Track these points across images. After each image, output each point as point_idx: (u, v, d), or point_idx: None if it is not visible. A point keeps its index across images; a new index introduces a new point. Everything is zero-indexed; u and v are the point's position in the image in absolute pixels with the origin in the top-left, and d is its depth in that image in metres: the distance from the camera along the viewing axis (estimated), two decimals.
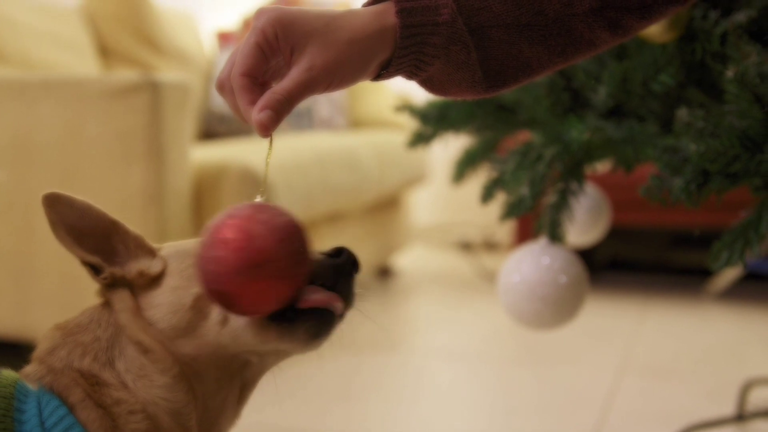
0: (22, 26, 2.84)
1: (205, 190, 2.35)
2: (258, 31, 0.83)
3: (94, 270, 0.94)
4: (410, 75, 0.90)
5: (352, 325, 0.96)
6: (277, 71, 0.87)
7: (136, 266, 0.93)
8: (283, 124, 3.35)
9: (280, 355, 0.94)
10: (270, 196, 2.44)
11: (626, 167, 1.43)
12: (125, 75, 2.22)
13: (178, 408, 0.89)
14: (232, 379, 0.93)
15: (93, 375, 0.88)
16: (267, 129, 0.82)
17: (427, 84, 0.92)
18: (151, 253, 0.95)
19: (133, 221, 2.32)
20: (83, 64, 3.07)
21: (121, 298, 0.92)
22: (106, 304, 0.93)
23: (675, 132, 1.22)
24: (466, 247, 4.53)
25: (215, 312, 0.88)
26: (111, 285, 0.93)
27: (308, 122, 3.64)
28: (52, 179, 2.21)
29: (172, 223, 2.20)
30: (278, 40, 0.83)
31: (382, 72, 0.88)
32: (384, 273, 3.91)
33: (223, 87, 0.86)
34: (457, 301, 3.51)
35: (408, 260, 4.19)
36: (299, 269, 0.82)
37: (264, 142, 0.87)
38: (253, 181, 2.39)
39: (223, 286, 0.79)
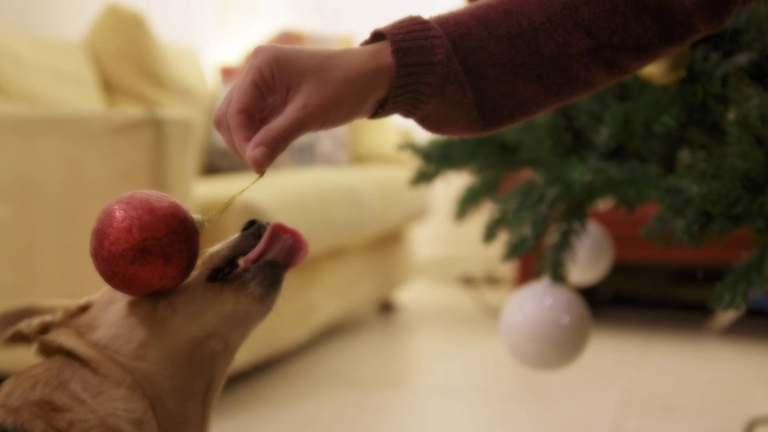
0: (25, 62, 2.85)
1: (207, 226, 2.35)
2: (255, 70, 0.85)
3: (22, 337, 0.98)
4: (407, 113, 0.91)
5: (354, 362, 0.99)
6: (275, 108, 0.88)
7: (58, 311, 0.97)
8: (286, 160, 3.37)
9: (240, 325, 0.96)
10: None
11: (628, 207, 1.43)
12: (128, 112, 2.22)
13: (138, 416, 0.89)
14: (192, 382, 0.94)
15: (47, 402, 0.89)
16: (261, 165, 0.84)
17: (424, 122, 0.93)
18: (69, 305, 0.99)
19: None
20: (87, 99, 3.08)
21: (59, 332, 0.95)
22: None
23: (677, 173, 1.22)
24: (469, 281, 4.53)
25: (161, 306, 0.91)
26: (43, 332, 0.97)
27: (310, 158, 3.65)
28: (54, 216, 2.21)
29: None
30: (274, 79, 0.85)
31: (379, 110, 0.89)
32: (386, 308, 3.90)
33: (220, 124, 0.88)
34: (459, 337, 3.50)
35: (410, 295, 4.18)
36: (177, 247, 0.88)
37: (264, 178, 0.89)
38: (255, 217, 2.38)
39: (111, 270, 0.87)
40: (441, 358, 3.25)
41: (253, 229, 0.98)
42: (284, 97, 0.85)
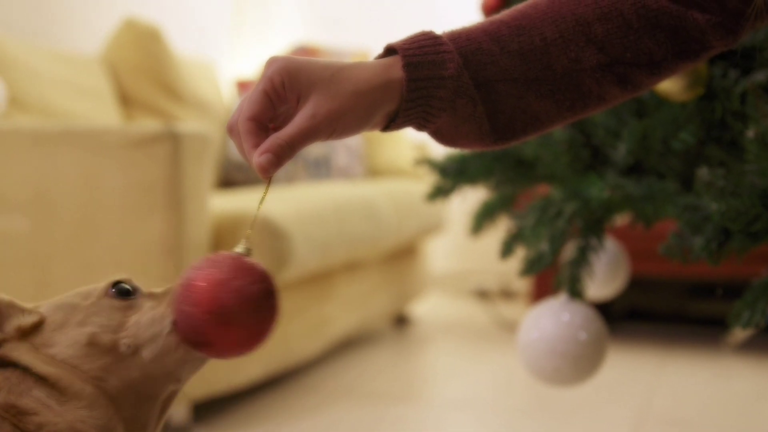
0: (43, 75, 2.87)
1: (223, 240, 2.36)
2: (266, 79, 0.86)
3: None
4: (419, 126, 0.91)
5: (369, 375, 0.99)
6: (287, 118, 0.88)
7: (11, 325, 0.95)
8: (301, 173, 3.38)
9: (196, 367, 0.96)
10: (282, 245, 2.44)
11: (646, 223, 1.43)
12: (145, 125, 2.23)
13: (104, 423, 0.90)
14: (148, 413, 0.95)
15: (12, 405, 0.88)
16: (266, 171, 0.84)
17: (436, 135, 0.94)
18: (23, 311, 0.97)
19: (151, 272, 2.32)
20: (104, 112, 3.10)
21: (14, 347, 0.93)
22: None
23: (695, 190, 1.22)
24: (483, 295, 4.52)
25: (123, 345, 0.91)
26: None
27: (326, 171, 3.66)
28: (70, 229, 2.22)
29: None
30: (285, 89, 0.86)
31: (391, 123, 0.90)
32: (401, 321, 3.90)
33: (232, 130, 0.89)
34: (474, 351, 3.50)
35: (425, 309, 4.18)
36: (269, 311, 0.86)
37: (281, 192, 0.89)
38: (271, 230, 2.39)
39: (197, 336, 0.86)
40: (455, 371, 3.25)
41: None
42: (295, 107, 0.86)
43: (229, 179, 3.63)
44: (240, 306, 0.84)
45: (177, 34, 3.68)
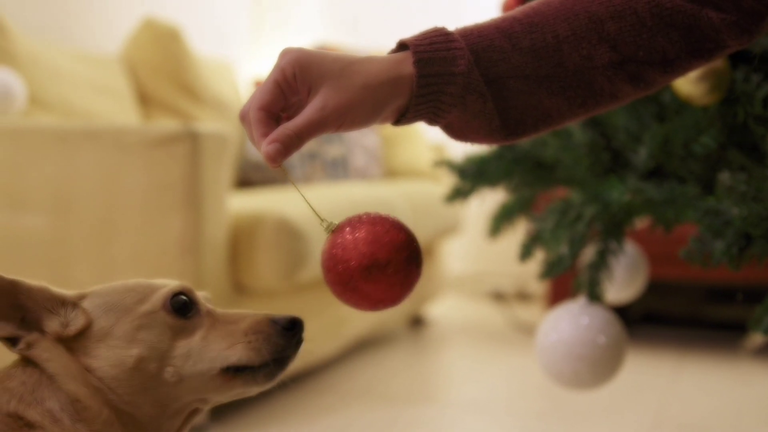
0: (63, 74, 2.88)
1: (240, 239, 2.36)
2: (278, 70, 0.88)
3: (10, 342, 0.95)
4: (430, 121, 0.93)
5: (385, 376, 1.01)
6: (299, 108, 0.90)
7: (51, 325, 0.95)
8: (319, 173, 3.36)
9: (233, 398, 0.99)
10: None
11: (666, 227, 1.43)
12: (165, 125, 2.24)
13: None
14: (179, 416, 0.97)
15: (19, 416, 0.89)
16: (274, 160, 0.86)
17: (448, 129, 0.95)
18: (64, 302, 0.97)
19: (169, 271, 2.31)
20: (123, 112, 3.11)
21: (45, 348, 0.94)
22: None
23: (716, 194, 1.21)
24: (499, 297, 4.51)
25: (168, 372, 0.93)
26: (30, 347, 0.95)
27: (343, 172, 3.66)
28: (90, 228, 2.23)
29: (209, 273, 2.21)
30: (296, 80, 0.87)
31: (401, 117, 0.91)
32: (417, 323, 3.90)
33: (243, 118, 0.91)
34: (489, 353, 3.49)
35: (441, 310, 4.18)
36: (414, 269, 0.90)
37: (298, 194, 0.92)
38: (288, 230, 2.39)
39: (349, 285, 0.87)
40: (471, 373, 3.24)
41: (286, 324, 0.99)
42: (305, 98, 0.88)
43: (246, 179, 3.64)
44: (392, 257, 0.88)
45: (196, 34, 3.69)
